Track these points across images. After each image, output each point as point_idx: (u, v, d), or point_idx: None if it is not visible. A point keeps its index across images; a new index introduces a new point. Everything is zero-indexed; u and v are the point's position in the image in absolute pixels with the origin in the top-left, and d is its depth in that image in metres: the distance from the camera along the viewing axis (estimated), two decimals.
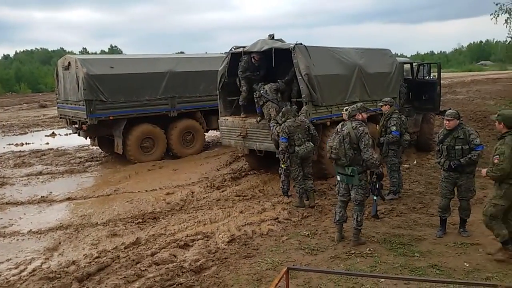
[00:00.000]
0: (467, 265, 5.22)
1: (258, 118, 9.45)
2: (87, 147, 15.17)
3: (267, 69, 9.86)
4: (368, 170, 6.04)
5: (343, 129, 6.02)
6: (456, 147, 6.00)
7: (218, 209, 8.08)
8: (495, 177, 5.19)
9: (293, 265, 5.28)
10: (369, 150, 5.82)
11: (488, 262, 5.29)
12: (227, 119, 10.30)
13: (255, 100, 9.47)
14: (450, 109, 6.42)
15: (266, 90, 9.23)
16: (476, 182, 6.38)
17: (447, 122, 6.09)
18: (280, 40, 9.69)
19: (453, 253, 5.62)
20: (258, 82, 9.59)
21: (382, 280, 4.81)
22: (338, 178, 6.14)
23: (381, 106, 8.34)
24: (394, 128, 7.99)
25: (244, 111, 10.09)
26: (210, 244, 6.39)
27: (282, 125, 7.93)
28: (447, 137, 6.10)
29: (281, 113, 8.16)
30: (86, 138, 13.23)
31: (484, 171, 5.33)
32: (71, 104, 12.56)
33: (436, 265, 5.24)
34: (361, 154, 5.85)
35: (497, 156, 5.11)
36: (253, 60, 9.61)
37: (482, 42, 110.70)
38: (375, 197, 6.27)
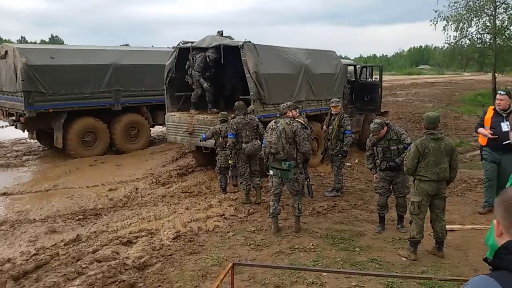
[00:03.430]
0: (404, 260, 5.47)
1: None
2: (24, 140, 14.47)
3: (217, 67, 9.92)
4: (303, 162, 6.51)
5: (278, 125, 6.32)
6: (392, 147, 6.34)
7: (163, 205, 7.98)
8: (405, 173, 5.73)
9: (239, 261, 5.32)
10: (306, 143, 6.36)
11: (423, 256, 5.57)
12: (174, 115, 10.19)
13: None
14: (374, 121, 6.66)
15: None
16: None
17: (376, 135, 6.41)
18: (229, 37, 9.70)
19: (391, 248, 5.87)
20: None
21: (325, 274, 4.95)
22: (271, 172, 6.46)
23: (334, 106, 8.50)
24: (349, 127, 8.39)
25: (196, 108, 10.03)
26: (155, 241, 6.30)
27: (231, 121, 7.99)
28: (381, 140, 6.42)
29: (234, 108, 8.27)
30: (24, 131, 12.62)
31: None
32: (7, 95, 11.94)
33: (376, 260, 5.46)
34: (297, 148, 6.28)
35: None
36: (207, 60, 9.56)
37: (421, 47, 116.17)
38: (307, 180, 6.61)
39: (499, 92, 6.94)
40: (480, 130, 7.06)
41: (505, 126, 6.62)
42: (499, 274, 1.46)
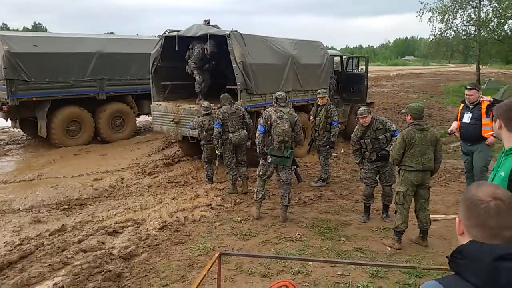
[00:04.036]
0: (389, 249, 5.54)
1: None
2: (7, 129, 14.29)
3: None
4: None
5: (283, 114, 6.43)
6: (380, 137, 6.39)
7: (149, 195, 7.95)
8: (391, 163, 5.76)
9: (225, 250, 5.34)
10: (301, 133, 6.75)
11: (408, 246, 5.65)
12: (159, 104, 10.11)
13: None
14: (360, 107, 6.74)
15: None
16: None
17: (364, 119, 6.42)
18: (216, 26, 9.62)
19: (376, 237, 5.94)
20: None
21: (310, 263, 5.00)
22: (270, 160, 6.54)
23: (321, 97, 8.50)
24: (336, 118, 8.41)
25: (201, 97, 9.94)
26: (141, 231, 6.29)
27: (217, 111, 7.97)
28: (366, 132, 6.46)
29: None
30: (6, 120, 12.43)
31: None
32: None
33: (361, 249, 5.52)
34: (294, 136, 6.59)
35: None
36: (205, 52, 9.47)
37: (407, 38, 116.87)
38: (296, 167, 7.02)
39: (466, 87, 6.92)
40: (454, 123, 7.17)
41: (466, 118, 6.71)
42: (450, 280, 1.44)
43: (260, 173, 6.72)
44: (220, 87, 9.92)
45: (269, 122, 6.47)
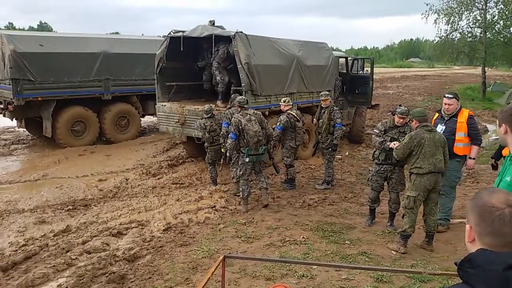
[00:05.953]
0: (394, 253, 5.51)
1: None
2: (13, 129, 14.33)
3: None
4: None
5: (250, 117, 7.05)
6: (401, 140, 6.15)
7: (153, 196, 7.95)
8: (394, 156, 5.73)
9: (229, 253, 5.31)
10: (269, 126, 7.46)
11: (413, 250, 5.61)
12: (164, 105, 10.11)
13: None
14: (402, 105, 6.56)
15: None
16: None
17: (402, 120, 6.12)
18: (221, 27, 9.62)
19: (381, 241, 5.90)
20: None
21: (315, 266, 4.97)
22: (247, 160, 7.01)
23: (324, 100, 8.37)
24: (339, 120, 8.31)
25: (223, 99, 9.88)
26: (145, 232, 6.29)
27: (226, 111, 8.12)
28: (393, 129, 6.20)
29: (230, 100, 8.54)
30: (12, 120, 12.47)
31: None
32: None
33: (366, 253, 5.48)
34: (265, 132, 7.20)
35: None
36: (230, 52, 9.43)
37: (412, 40, 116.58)
38: (272, 160, 7.65)
39: (446, 96, 6.26)
40: None
41: (438, 130, 6.13)
42: None
43: (241, 173, 7.17)
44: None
45: (240, 127, 6.97)
